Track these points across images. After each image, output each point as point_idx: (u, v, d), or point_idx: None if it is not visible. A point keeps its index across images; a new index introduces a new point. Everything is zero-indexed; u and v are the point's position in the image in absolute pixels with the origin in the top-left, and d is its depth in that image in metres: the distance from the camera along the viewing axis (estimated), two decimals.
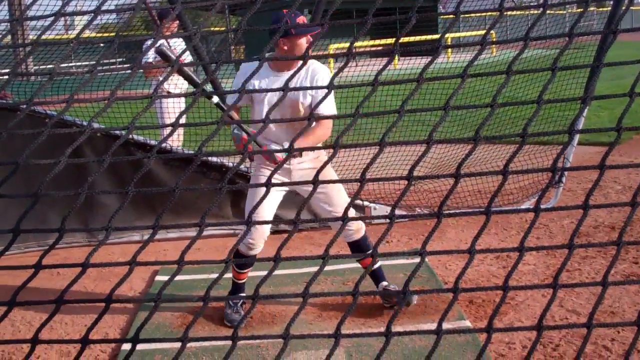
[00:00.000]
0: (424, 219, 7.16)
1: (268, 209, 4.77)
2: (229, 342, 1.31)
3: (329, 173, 4.96)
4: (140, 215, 6.55)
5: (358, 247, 4.94)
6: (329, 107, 4.63)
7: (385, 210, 7.21)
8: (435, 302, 5.05)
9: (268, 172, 4.91)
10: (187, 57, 7.73)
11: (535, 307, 4.90)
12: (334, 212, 4.87)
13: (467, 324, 4.67)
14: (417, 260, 5.50)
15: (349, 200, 5.01)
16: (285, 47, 4.63)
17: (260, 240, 4.80)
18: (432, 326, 4.65)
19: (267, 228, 4.93)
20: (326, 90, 1.37)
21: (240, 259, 4.87)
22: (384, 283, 5.06)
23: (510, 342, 4.41)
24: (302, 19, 4.79)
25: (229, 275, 5.12)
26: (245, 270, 5.05)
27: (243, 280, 5.09)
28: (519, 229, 6.76)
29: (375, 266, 5.02)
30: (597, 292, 5.05)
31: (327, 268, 1.36)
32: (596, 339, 4.33)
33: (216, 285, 1.41)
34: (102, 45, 11.97)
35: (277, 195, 4.86)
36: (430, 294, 5.29)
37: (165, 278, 5.86)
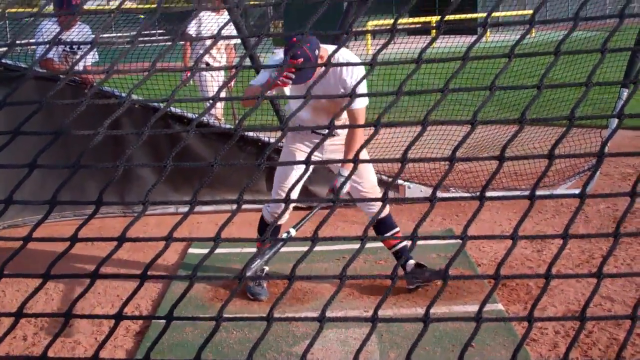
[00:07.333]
0: (462, 201, 7.10)
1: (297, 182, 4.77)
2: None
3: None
4: (176, 187, 6.60)
5: (383, 225, 4.95)
6: (362, 101, 4.63)
7: (419, 189, 7.18)
8: (467, 284, 5.01)
9: (302, 146, 4.90)
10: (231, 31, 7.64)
11: (569, 293, 4.84)
12: (363, 189, 4.90)
13: (500, 307, 4.64)
14: (450, 241, 5.43)
15: (375, 178, 5.01)
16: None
17: (286, 211, 4.81)
18: (464, 308, 4.63)
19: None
20: (358, 82, 1.36)
21: (266, 229, 4.88)
22: (412, 262, 5.03)
23: (542, 327, 4.37)
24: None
25: None
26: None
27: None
28: (554, 212, 6.67)
29: (400, 246, 5.00)
30: (632, 280, 4.98)
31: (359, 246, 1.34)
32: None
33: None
34: (142, 16, 12.01)
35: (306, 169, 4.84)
36: (462, 275, 5.25)
37: (198, 250, 5.90)
